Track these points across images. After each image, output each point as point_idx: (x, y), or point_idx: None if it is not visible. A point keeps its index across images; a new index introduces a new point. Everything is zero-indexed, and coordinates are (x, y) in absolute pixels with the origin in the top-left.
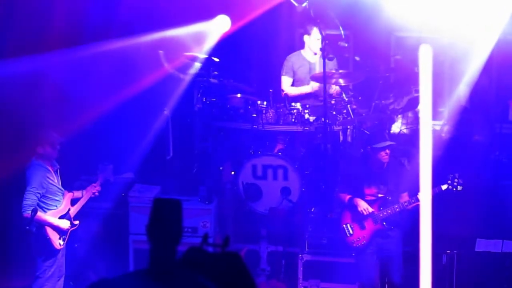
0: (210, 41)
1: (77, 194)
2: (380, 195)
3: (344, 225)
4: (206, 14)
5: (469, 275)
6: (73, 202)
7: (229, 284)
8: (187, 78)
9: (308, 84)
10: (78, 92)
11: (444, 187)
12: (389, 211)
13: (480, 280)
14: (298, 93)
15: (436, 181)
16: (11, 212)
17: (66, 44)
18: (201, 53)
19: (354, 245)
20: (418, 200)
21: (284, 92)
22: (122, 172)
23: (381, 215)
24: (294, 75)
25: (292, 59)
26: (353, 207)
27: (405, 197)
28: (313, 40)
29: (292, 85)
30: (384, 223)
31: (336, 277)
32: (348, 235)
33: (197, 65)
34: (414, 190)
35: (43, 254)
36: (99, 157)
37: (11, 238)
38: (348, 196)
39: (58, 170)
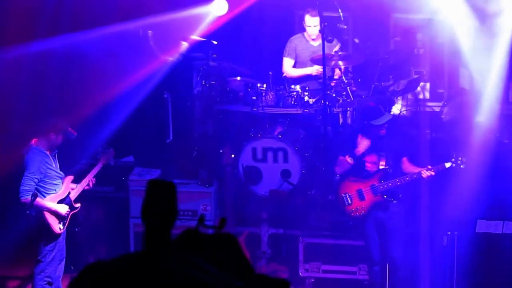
0: (208, 24)
1: (72, 186)
2: (381, 163)
3: (343, 194)
4: None
5: (470, 256)
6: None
7: (225, 265)
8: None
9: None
10: (79, 78)
11: (447, 165)
12: (390, 184)
13: (480, 261)
14: (299, 75)
15: (439, 160)
16: (13, 197)
17: (67, 30)
18: (199, 37)
19: (353, 214)
20: (420, 175)
21: (285, 74)
22: (123, 156)
23: (381, 187)
24: (296, 57)
25: (295, 41)
26: (359, 164)
27: (405, 162)
28: (307, 27)
29: (294, 67)
30: (385, 196)
31: (337, 259)
32: (347, 204)
33: (185, 44)
34: (414, 156)
35: (44, 238)
36: (100, 141)
37: (13, 223)
38: (348, 157)
39: (56, 155)
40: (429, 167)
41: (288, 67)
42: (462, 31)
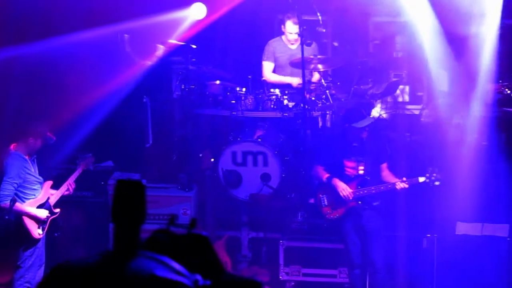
0: (187, 28)
1: (52, 191)
2: (360, 168)
3: (320, 195)
4: (182, 2)
5: (450, 258)
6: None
7: (196, 265)
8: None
9: (288, 71)
10: (57, 83)
11: (421, 179)
12: (365, 191)
13: (460, 263)
14: (279, 82)
15: (418, 169)
16: None
17: (46, 34)
18: (178, 41)
19: (327, 216)
20: (394, 186)
21: (264, 78)
22: (102, 160)
23: (357, 193)
24: (275, 61)
25: (274, 44)
26: (332, 188)
27: (384, 169)
28: (288, 33)
29: (273, 71)
30: (360, 202)
31: (318, 263)
32: (323, 205)
33: (162, 48)
34: (393, 161)
35: (23, 243)
36: (78, 146)
37: None
38: (327, 175)
39: (35, 160)
40: (404, 179)
41: (268, 72)
42: (427, 34)
